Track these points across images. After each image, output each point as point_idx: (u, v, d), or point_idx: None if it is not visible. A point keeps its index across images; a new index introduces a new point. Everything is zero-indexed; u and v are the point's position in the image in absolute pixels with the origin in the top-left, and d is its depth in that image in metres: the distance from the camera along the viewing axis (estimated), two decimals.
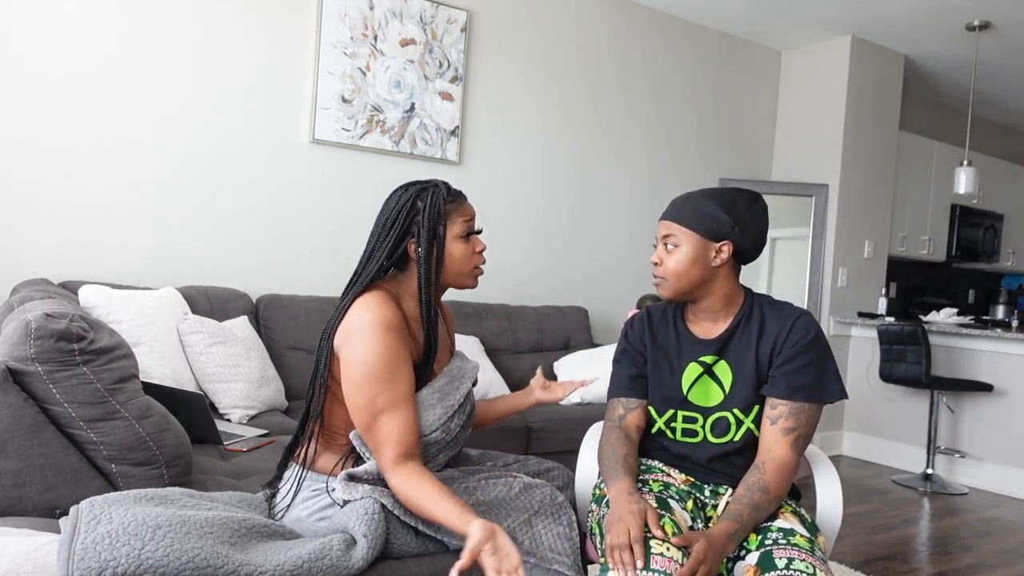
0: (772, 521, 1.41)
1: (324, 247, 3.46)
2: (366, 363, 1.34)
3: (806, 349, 1.47)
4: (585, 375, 3.45)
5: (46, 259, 2.85)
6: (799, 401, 1.45)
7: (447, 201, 1.46)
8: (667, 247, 1.53)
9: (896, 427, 4.59)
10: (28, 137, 2.80)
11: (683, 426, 1.54)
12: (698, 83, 4.73)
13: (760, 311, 1.54)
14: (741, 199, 1.52)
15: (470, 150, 3.85)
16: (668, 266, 1.51)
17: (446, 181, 1.51)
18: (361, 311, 1.37)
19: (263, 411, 2.70)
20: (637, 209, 4.51)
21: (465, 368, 1.55)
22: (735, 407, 1.50)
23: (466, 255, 1.48)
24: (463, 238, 1.47)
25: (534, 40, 4.03)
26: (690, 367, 1.55)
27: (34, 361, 1.41)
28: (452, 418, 1.46)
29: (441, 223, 1.44)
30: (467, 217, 1.48)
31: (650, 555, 1.25)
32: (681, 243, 1.50)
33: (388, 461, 1.34)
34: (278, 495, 1.47)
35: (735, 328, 1.54)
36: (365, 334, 1.35)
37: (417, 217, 1.44)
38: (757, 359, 1.50)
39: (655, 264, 1.55)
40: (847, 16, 4.45)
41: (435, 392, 1.45)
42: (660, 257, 1.54)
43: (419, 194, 1.45)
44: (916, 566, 2.84)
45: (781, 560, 1.29)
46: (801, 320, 1.50)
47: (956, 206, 5.82)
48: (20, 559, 1.17)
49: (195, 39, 3.09)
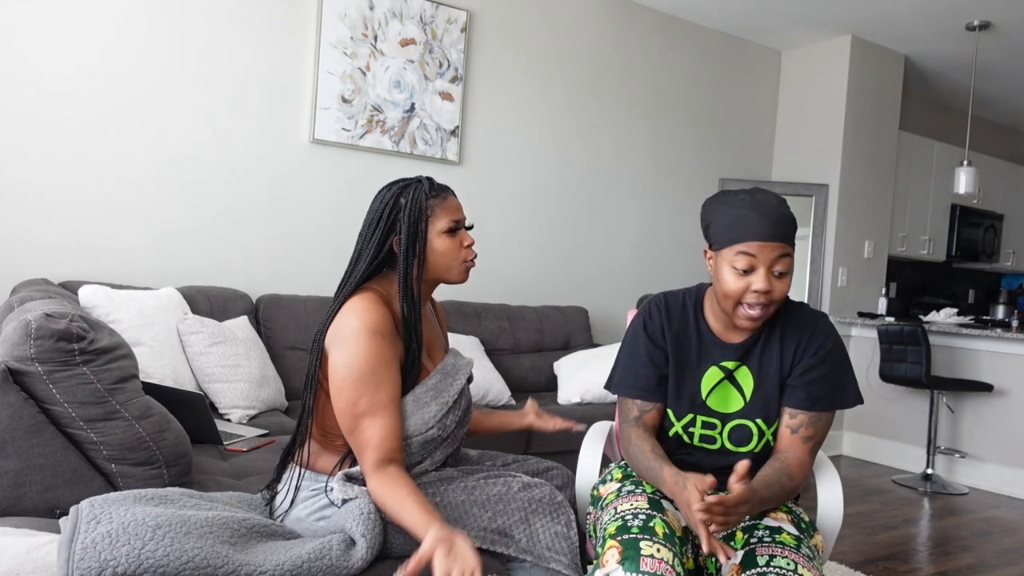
0: (760, 520, 1.40)
1: (324, 247, 3.46)
2: (350, 367, 1.35)
3: (826, 358, 1.43)
4: (585, 375, 3.45)
5: (46, 259, 2.85)
6: (817, 411, 1.43)
7: (430, 196, 1.45)
8: (774, 272, 1.34)
9: (896, 427, 4.59)
10: (28, 137, 2.80)
11: (701, 432, 1.49)
12: (698, 83, 4.73)
13: (778, 313, 1.48)
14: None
15: (470, 150, 3.85)
16: (777, 295, 1.34)
17: (430, 177, 1.50)
18: (348, 314, 1.37)
19: (263, 411, 2.71)
20: (637, 209, 4.51)
21: (459, 364, 1.54)
22: (758, 417, 1.46)
23: (452, 249, 1.46)
24: (448, 232, 1.46)
25: (534, 40, 4.03)
26: (711, 371, 1.48)
27: (34, 361, 1.41)
28: (447, 414, 1.46)
29: (423, 218, 1.44)
30: (452, 212, 1.47)
31: (640, 557, 1.24)
32: (791, 267, 1.35)
33: (368, 465, 1.34)
34: (277, 497, 1.47)
35: (760, 333, 1.47)
36: (351, 337, 1.35)
37: (400, 214, 1.44)
38: (780, 367, 1.45)
39: (764, 292, 1.33)
40: (847, 16, 4.45)
41: (429, 390, 1.45)
42: (771, 283, 1.33)
43: (402, 191, 1.45)
44: (916, 566, 2.84)
45: (762, 558, 1.29)
46: (821, 326, 1.46)
47: (956, 206, 5.82)
48: (20, 559, 1.17)
49: (195, 39, 3.10)
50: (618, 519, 1.36)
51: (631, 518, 1.34)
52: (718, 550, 1.18)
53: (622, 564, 1.24)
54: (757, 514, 1.41)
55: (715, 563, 1.40)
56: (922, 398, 4.47)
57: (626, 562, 1.24)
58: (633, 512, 1.36)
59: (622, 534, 1.30)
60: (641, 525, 1.31)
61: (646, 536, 1.28)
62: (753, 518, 1.40)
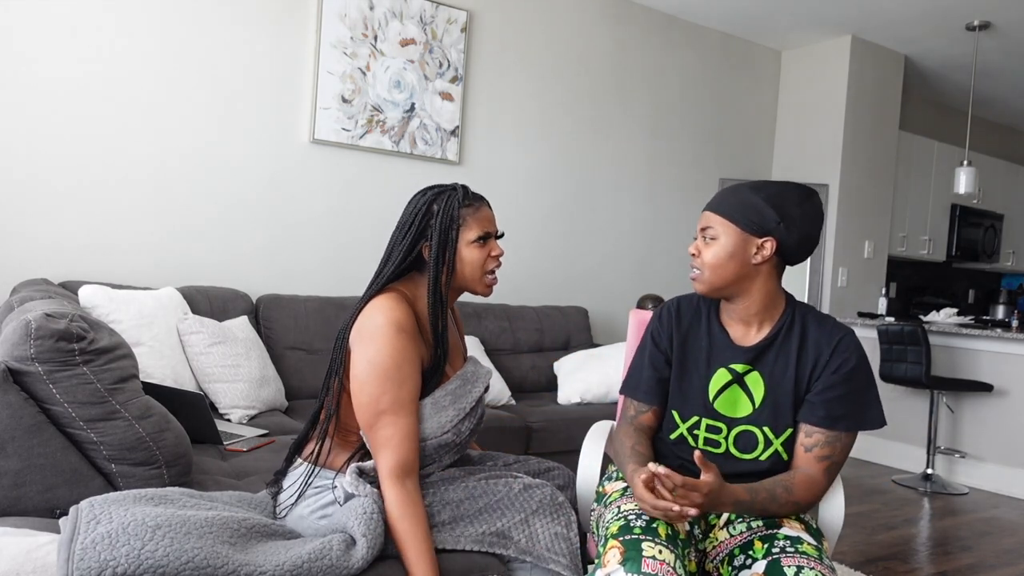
0: (778, 529, 1.37)
1: (324, 247, 3.45)
2: (374, 362, 1.35)
3: (848, 377, 1.40)
4: (585, 375, 3.45)
5: (46, 259, 2.85)
6: (837, 431, 1.39)
7: (463, 205, 1.46)
8: (706, 239, 1.44)
9: (896, 427, 4.58)
10: (28, 137, 2.80)
11: (706, 435, 1.47)
12: (698, 83, 4.73)
13: (802, 323, 1.45)
14: (792, 195, 1.41)
15: (470, 150, 3.85)
16: (704, 258, 1.43)
17: (466, 185, 1.52)
18: (374, 312, 1.38)
19: (263, 411, 2.70)
20: (637, 209, 4.51)
21: (479, 373, 1.55)
22: (765, 424, 1.43)
23: (479, 259, 1.47)
24: (478, 242, 1.47)
25: (534, 40, 4.03)
26: (719, 372, 1.46)
27: (34, 361, 1.41)
28: (463, 421, 1.47)
29: (454, 227, 1.45)
30: (484, 223, 1.48)
31: (642, 558, 1.23)
32: (720, 235, 1.42)
33: (386, 470, 1.35)
34: (283, 492, 1.47)
35: (774, 338, 1.44)
36: (376, 334, 1.36)
37: (432, 220, 1.45)
38: (796, 377, 1.42)
39: (692, 255, 1.47)
40: (847, 16, 4.45)
41: (448, 395, 1.46)
42: (698, 248, 1.45)
43: (436, 197, 1.47)
44: (916, 566, 2.83)
45: (790, 569, 1.27)
46: (844, 343, 1.41)
47: (956, 206, 5.82)
48: (20, 559, 1.17)
49: (195, 40, 3.09)
50: (621, 519, 1.35)
51: (634, 518, 1.33)
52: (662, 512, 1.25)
53: (623, 564, 1.24)
54: (773, 523, 1.38)
55: (731, 572, 1.38)
56: (922, 398, 4.47)
57: (628, 563, 1.23)
58: (636, 512, 1.35)
59: (624, 534, 1.30)
60: (644, 526, 1.31)
61: (648, 537, 1.28)
62: (769, 527, 1.38)
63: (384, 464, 1.35)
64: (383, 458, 1.35)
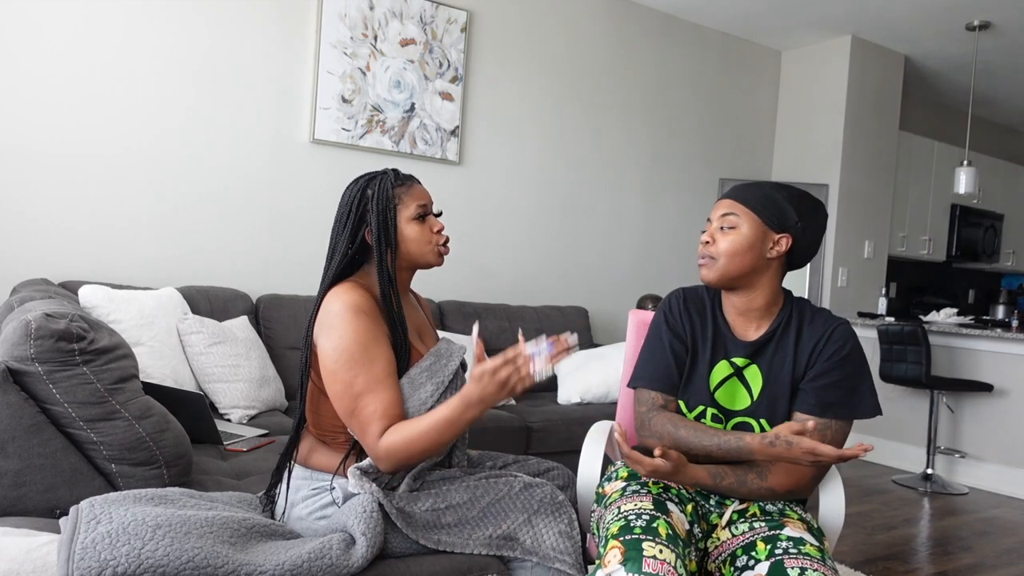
0: (780, 530, 1.37)
1: (324, 247, 3.44)
2: (340, 348, 1.36)
3: (840, 364, 1.41)
4: (585, 375, 3.44)
5: (46, 259, 2.85)
6: (828, 418, 1.40)
7: (396, 185, 1.48)
8: (723, 228, 1.43)
9: (896, 427, 4.58)
10: (29, 138, 2.80)
11: (712, 424, 1.48)
12: (698, 83, 4.73)
13: (799, 317, 1.47)
14: (808, 200, 1.45)
15: (470, 150, 3.85)
16: (721, 246, 1.42)
17: (396, 168, 1.53)
18: (330, 302, 1.40)
19: (263, 411, 2.70)
20: (637, 209, 4.51)
21: (452, 348, 1.55)
22: (762, 417, 1.44)
23: (422, 235, 1.48)
24: (417, 219, 1.48)
25: (534, 40, 4.03)
26: (720, 364, 1.48)
27: (34, 361, 1.41)
28: (444, 394, 1.46)
29: (391, 207, 1.46)
30: (420, 198, 1.49)
31: (643, 558, 1.23)
32: (740, 224, 1.42)
33: (374, 438, 1.34)
34: (279, 497, 1.47)
35: (773, 333, 1.46)
36: (336, 320, 1.37)
37: (368, 204, 1.46)
38: (793, 370, 1.44)
39: (705, 243, 1.45)
40: (847, 16, 4.45)
41: (423, 371, 1.46)
42: (712, 235, 1.44)
43: (368, 183, 1.48)
44: (916, 566, 2.83)
45: (794, 570, 1.27)
46: (838, 331, 1.43)
47: (956, 206, 5.82)
48: (20, 559, 1.17)
49: (195, 40, 3.09)
50: (621, 519, 1.35)
51: (634, 518, 1.33)
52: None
53: (624, 564, 1.23)
54: (777, 523, 1.38)
55: (733, 572, 1.38)
56: (922, 398, 4.47)
57: (628, 563, 1.23)
58: (636, 512, 1.35)
59: (625, 534, 1.29)
60: (644, 526, 1.30)
61: (649, 537, 1.27)
62: (772, 528, 1.38)
63: (372, 436, 1.33)
64: (371, 431, 1.34)
